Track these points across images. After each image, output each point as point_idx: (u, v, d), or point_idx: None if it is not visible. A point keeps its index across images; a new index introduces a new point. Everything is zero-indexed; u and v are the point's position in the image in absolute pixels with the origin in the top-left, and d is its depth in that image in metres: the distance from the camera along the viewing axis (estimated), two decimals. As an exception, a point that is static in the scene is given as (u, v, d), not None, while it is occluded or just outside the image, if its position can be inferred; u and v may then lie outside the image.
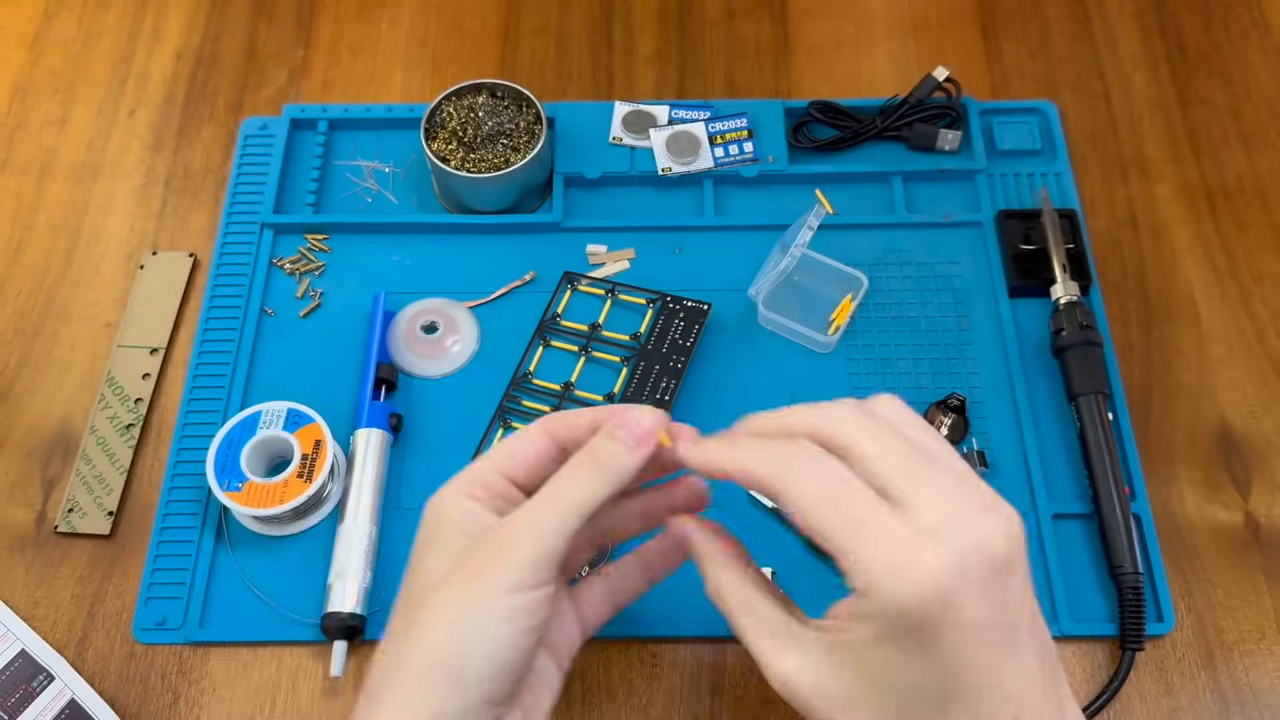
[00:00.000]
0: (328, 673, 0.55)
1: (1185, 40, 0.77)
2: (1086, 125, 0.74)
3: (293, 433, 0.58)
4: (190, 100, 0.75)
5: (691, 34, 0.78)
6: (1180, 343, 0.66)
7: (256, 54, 0.78)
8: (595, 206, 0.70)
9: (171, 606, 0.57)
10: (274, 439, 0.58)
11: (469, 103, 0.68)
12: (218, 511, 0.59)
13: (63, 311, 0.67)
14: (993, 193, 0.70)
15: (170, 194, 0.72)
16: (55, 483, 0.62)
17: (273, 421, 0.58)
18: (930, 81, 0.71)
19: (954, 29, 0.78)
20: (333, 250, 0.68)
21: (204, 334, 0.65)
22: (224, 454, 0.57)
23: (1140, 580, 0.56)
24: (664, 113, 0.72)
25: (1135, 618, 0.55)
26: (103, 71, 0.77)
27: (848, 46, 0.78)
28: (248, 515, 0.58)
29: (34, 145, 0.74)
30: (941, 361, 0.64)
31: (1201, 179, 0.72)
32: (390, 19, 0.79)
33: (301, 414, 0.59)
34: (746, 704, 0.55)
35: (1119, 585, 0.56)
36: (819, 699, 0.35)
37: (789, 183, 0.70)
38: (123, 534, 0.60)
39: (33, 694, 0.54)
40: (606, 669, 0.56)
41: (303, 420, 0.59)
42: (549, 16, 0.79)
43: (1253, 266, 0.68)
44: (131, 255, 0.69)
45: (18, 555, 0.60)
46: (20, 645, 0.56)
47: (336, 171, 0.72)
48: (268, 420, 0.58)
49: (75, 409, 0.64)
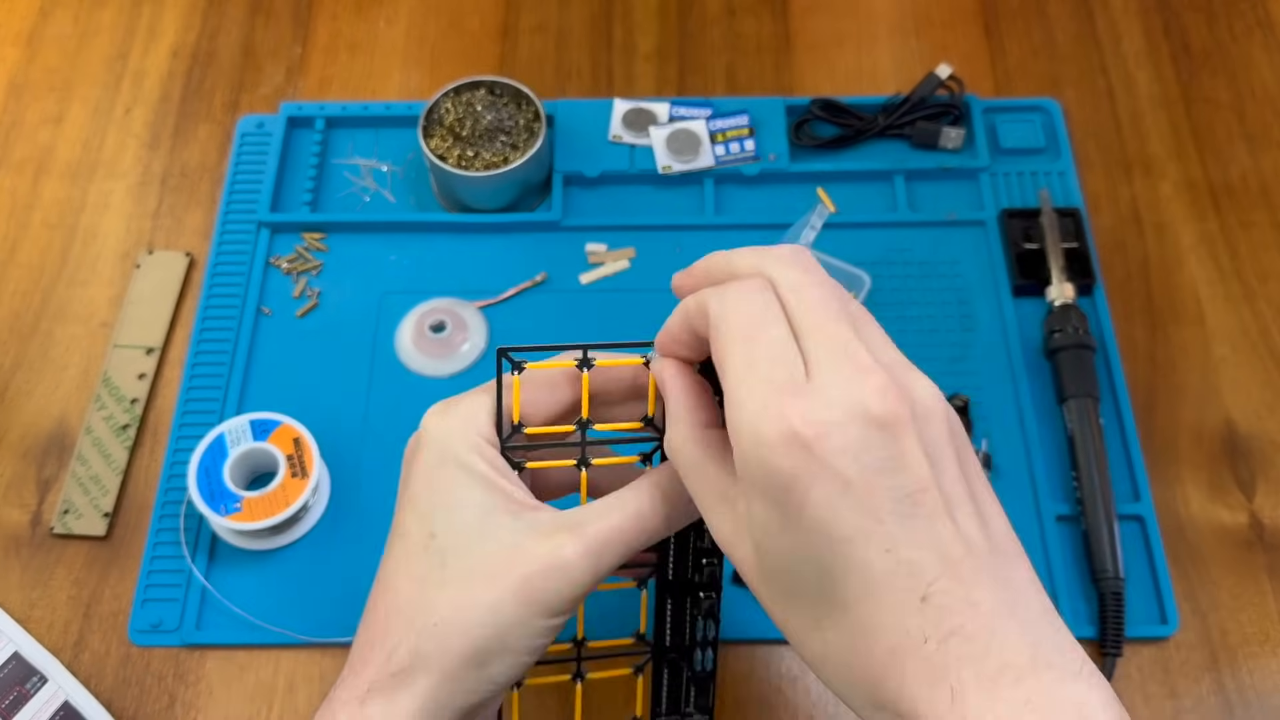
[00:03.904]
0: (325, 675, 0.55)
1: (1189, 38, 0.77)
2: (1090, 123, 0.73)
3: (264, 440, 0.57)
4: (186, 98, 0.75)
5: (692, 30, 0.78)
6: (1184, 342, 0.65)
7: (253, 51, 0.77)
8: (595, 205, 0.69)
9: (168, 608, 0.57)
10: (249, 453, 0.57)
11: (467, 100, 0.68)
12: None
13: (58, 311, 0.67)
14: (996, 191, 0.69)
15: (166, 193, 0.71)
16: (51, 484, 0.61)
17: (239, 438, 0.57)
18: (933, 79, 0.70)
19: (956, 26, 0.78)
20: (330, 249, 0.68)
21: (200, 334, 0.65)
22: (205, 483, 0.57)
23: (1121, 586, 0.55)
24: (664, 110, 0.72)
25: (1116, 623, 0.55)
26: (98, 69, 0.76)
27: (849, 43, 0.77)
28: (252, 531, 0.57)
29: (29, 143, 0.73)
30: (944, 362, 0.63)
31: (1205, 177, 0.71)
32: (388, 16, 0.79)
33: (265, 421, 0.58)
34: (746, 707, 0.55)
35: (1100, 590, 0.56)
36: (744, 567, 0.33)
37: (790, 181, 0.70)
38: (119, 535, 0.60)
39: (27, 696, 0.54)
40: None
41: (270, 425, 0.58)
42: (548, 14, 0.79)
43: (1257, 266, 0.68)
44: (127, 254, 0.69)
45: (13, 557, 0.59)
46: (14, 647, 0.55)
47: (334, 170, 0.71)
48: (233, 438, 0.57)
49: (71, 409, 0.63)
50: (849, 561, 0.30)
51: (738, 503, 0.33)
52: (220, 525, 0.57)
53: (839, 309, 0.33)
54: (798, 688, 0.55)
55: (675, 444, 0.36)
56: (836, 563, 0.30)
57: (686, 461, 0.35)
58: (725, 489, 0.34)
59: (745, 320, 0.32)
